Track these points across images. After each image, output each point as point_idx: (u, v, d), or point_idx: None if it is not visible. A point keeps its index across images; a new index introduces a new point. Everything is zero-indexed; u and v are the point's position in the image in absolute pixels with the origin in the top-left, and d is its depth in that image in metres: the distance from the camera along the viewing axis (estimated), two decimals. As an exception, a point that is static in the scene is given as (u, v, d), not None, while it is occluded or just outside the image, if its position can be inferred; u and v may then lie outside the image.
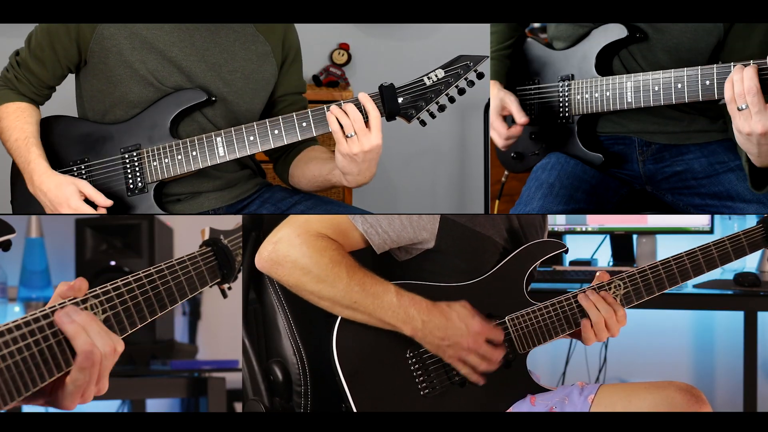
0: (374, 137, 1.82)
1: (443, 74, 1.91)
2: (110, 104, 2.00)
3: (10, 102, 2.01)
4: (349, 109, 1.83)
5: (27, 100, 2.02)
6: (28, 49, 2.02)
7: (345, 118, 1.82)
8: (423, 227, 1.64)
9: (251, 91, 2.06)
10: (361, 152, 1.82)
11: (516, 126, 2.10)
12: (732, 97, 1.62)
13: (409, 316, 1.56)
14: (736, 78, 1.62)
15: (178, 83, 1.98)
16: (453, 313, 1.57)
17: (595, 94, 2.05)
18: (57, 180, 1.91)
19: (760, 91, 1.59)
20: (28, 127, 1.97)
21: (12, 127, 1.97)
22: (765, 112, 1.58)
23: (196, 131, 2.00)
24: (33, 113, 2.02)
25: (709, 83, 1.78)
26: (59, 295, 1.04)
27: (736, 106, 1.62)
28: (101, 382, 0.97)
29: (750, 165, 1.77)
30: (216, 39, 2.01)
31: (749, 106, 1.59)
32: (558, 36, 2.16)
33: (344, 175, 1.90)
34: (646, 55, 2.02)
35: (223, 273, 1.43)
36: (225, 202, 2.09)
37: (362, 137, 1.81)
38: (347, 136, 1.82)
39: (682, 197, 2.11)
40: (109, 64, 1.97)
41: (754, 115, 1.59)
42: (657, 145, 2.12)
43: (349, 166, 1.86)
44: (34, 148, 1.94)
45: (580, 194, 2.06)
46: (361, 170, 1.87)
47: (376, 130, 1.83)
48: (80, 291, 1.03)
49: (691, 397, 1.58)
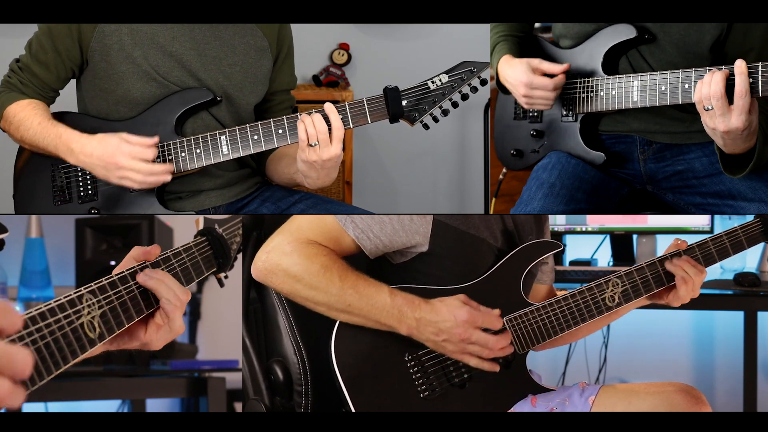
0: (334, 148, 1.87)
1: (447, 79, 1.94)
2: (113, 102, 2.01)
3: (20, 100, 2.01)
4: (315, 120, 1.87)
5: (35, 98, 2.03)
6: (30, 54, 2.02)
7: (311, 127, 1.87)
8: (416, 231, 1.64)
9: (250, 86, 2.07)
10: (319, 160, 1.88)
11: (558, 77, 2.05)
12: (700, 98, 1.76)
13: (404, 315, 1.56)
14: (706, 80, 1.75)
15: (180, 78, 1.99)
16: (443, 307, 1.57)
17: (601, 93, 2.05)
18: (97, 138, 1.93)
19: (724, 96, 1.72)
20: (46, 113, 1.99)
21: (31, 116, 1.98)
22: (728, 114, 1.72)
23: (201, 128, 2.01)
24: (45, 105, 2.03)
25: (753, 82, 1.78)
26: (133, 258, 1.22)
27: (703, 106, 1.76)
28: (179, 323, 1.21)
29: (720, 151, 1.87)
30: (216, 33, 2.02)
31: (715, 108, 1.73)
32: (565, 34, 2.16)
33: (305, 178, 1.96)
34: (654, 51, 2.02)
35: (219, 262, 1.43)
36: (225, 200, 2.10)
37: (323, 147, 1.87)
38: (310, 144, 1.87)
39: (683, 196, 2.11)
40: (111, 61, 1.97)
41: (718, 117, 1.74)
42: (658, 145, 2.12)
43: (308, 171, 1.92)
44: (59, 124, 1.96)
45: (581, 194, 2.06)
46: (320, 176, 1.93)
47: (337, 141, 1.87)
48: (153, 255, 1.23)
49: (691, 398, 1.58)
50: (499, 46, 2.16)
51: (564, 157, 2.13)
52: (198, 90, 2.00)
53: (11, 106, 2.00)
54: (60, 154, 1.95)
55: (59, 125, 1.95)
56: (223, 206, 2.10)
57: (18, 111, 1.99)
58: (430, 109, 1.94)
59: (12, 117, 2.00)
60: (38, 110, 1.99)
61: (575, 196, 2.05)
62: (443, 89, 1.94)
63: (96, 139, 1.92)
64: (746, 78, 1.70)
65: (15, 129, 2.00)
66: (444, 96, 1.94)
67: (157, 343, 1.19)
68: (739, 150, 1.82)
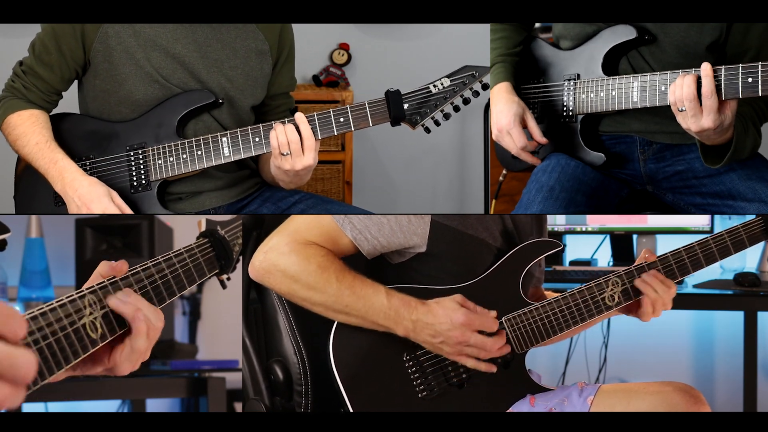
0: (307, 158, 1.92)
1: (449, 83, 1.94)
2: (115, 103, 2.01)
3: (22, 110, 2.01)
4: (288, 131, 1.91)
5: (37, 107, 2.03)
6: (33, 55, 2.03)
7: (283, 136, 1.91)
8: (413, 232, 1.64)
9: (251, 88, 2.07)
10: (292, 170, 1.93)
11: (533, 142, 2.12)
12: (674, 100, 1.84)
13: (400, 317, 1.56)
14: (678, 83, 1.83)
15: (182, 80, 1.99)
16: (440, 308, 1.57)
17: (601, 94, 2.05)
18: (89, 180, 1.95)
19: (696, 98, 1.80)
20: (45, 132, 1.99)
21: (30, 132, 1.98)
22: (699, 116, 1.81)
23: (203, 130, 2.02)
24: (46, 120, 2.03)
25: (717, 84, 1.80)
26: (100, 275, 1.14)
27: (677, 107, 1.84)
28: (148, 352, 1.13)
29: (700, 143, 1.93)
30: (217, 35, 2.02)
31: (686, 110, 1.82)
32: (565, 35, 2.16)
33: (278, 180, 2.03)
34: (654, 52, 2.02)
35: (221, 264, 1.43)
36: (225, 200, 2.10)
37: (295, 158, 1.92)
38: (282, 154, 1.91)
39: (683, 197, 2.11)
40: (114, 62, 1.97)
41: (690, 117, 1.82)
42: (658, 145, 2.12)
43: (280, 176, 1.99)
44: (57, 149, 1.97)
45: (580, 197, 2.06)
46: (293, 181, 2.01)
47: (309, 151, 1.91)
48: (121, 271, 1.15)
49: (690, 398, 1.58)
50: (497, 67, 2.17)
51: (564, 159, 2.13)
52: (200, 92, 2.00)
53: (12, 116, 2.00)
54: (49, 178, 1.96)
55: (56, 150, 1.96)
56: (224, 207, 2.10)
57: (18, 123, 2.00)
58: (431, 113, 1.95)
59: (12, 128, 2.00)
60: (36, 127, 1.99)
61: (575, 198, 2.05)
62: (445, 93, 1.94)
63: (88, 181, 1.95)
64: (711, 80, 1.78)
65: (13, 141, 2.01)
66: (446, 100, 1.94)
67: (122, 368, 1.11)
68: (718, 142, 1.89)
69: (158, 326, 1.14)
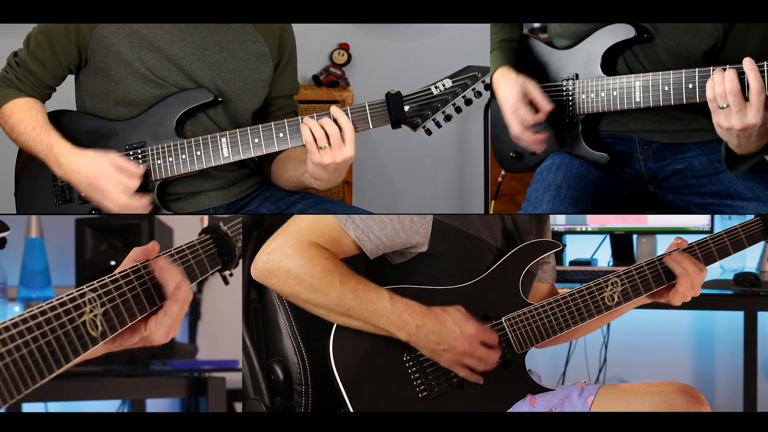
0: (347, 150, 1.87)
1: (451, 84, 1.92)
2: (112, 102, 2.01)
3: (16, 98, 2.01)
4: (325, 123, 1.86)
5: (31, 96, 2.03)
6: (27, 50, 2.02)
7: (320, 130, 1.86)
8: (416, 231, 1.64)
9: (249, 92, 2.06)
10: (333, 163, 1.87)
11: (542, 113, 2.05)
12: (713, 96, 1.75)
13: (404, 321, 1.56)
14: (717, 79, 1.75)
15: (177, 81, 1.99)
16: (447, 317, 1.57)
17: (602, 94, 2.04)
18: (87, 156, 1.91)
19: (740, 92, 1.72)
20: (41, 117, 1.98)
21: (26, 119, 1.97)
22: (744, 111, 1.72)
23: (200, 131, 2.01)
24: (41, 107, 2.02)
25: None
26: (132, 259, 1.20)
27: (717, 105, 1.75)
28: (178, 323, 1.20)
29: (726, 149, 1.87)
30: (215, 38, 2.01)
31: (731, 105, 1.73)
32: (561, 34, 2.15)
33: (314, 180, 1.96)
34: (648, 54, 2.01)
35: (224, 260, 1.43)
36: (225, 200, 2.10)
37: (336, 150, 1.86)
38: (320, 147, 1.86)
39: (683, 196, 2.10)
40: (109, 63, 1.97)
41: (735, 113, 1.73)
42: (658, 144, 2.12)
43: (319, 173, 1.92)
44: (53, 132, 1.94)
45: (588, 195, 2.05)
46: (332, 178, 1.93)
47: (350, 143, 1.87)
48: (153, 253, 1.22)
49: (690, 398, 1.58)
50: (494, 53, 2.15)
51: (567, 158, 2.12)
52: (199, 90, 2.00)
53: (7, 105, 2.00)
54: (49, 164, 1.94)
55: (52, 134, 1.94)
56: (223, 206, 2.10)
57: (14, 111, 1.99)
58: (432, 115, 1.91)
59: (8, 117, 2.00)
60: (32, 113, 1.98)
61: (582, 197, 2.04)
62: (447, 94, 1.91)
63: (86, 157, 1.91)
64: (758, 74, 1.71)
65: (9, 129, 2.00)
66: (447, 101, 1.91)
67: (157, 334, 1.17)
68: (752, 149, 1.81)
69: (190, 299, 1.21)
